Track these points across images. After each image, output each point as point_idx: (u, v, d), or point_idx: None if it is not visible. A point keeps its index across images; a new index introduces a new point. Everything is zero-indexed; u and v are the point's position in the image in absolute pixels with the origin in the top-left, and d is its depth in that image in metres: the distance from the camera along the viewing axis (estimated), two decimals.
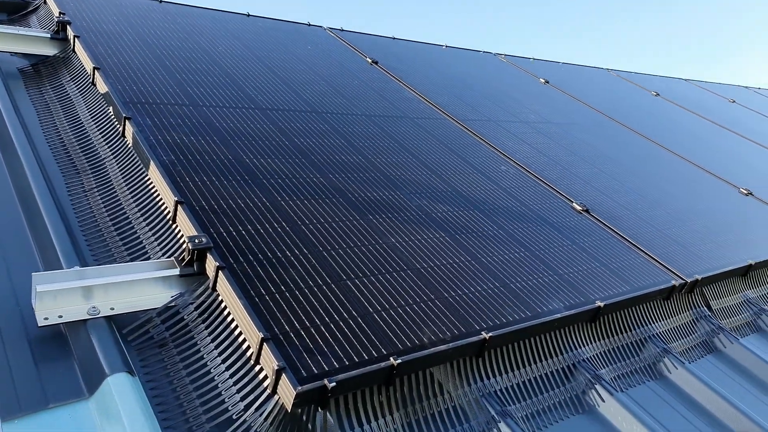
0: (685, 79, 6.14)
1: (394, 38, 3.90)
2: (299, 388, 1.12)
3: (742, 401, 1.89)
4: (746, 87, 6.96)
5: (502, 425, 1.41)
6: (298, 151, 2.01)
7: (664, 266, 2.16)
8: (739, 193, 3.25)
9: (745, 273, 2.42)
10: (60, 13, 2.38)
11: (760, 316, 2.37)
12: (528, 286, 1.74)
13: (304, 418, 1.20)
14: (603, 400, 1.63)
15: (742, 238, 2.65)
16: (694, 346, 2.07)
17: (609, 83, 4.95)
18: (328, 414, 1.21)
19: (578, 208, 2.38)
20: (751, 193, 3.26)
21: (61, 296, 1.20)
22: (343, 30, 3.68)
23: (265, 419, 1.16)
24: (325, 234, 1.62)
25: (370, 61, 3.20)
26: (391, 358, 1.28)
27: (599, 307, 1.76)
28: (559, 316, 1.65)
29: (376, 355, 1.28)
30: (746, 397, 1.94)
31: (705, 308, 2.23)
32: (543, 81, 4.18)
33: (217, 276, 1.33)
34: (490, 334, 1.46)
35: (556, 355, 1.68)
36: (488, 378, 1.51)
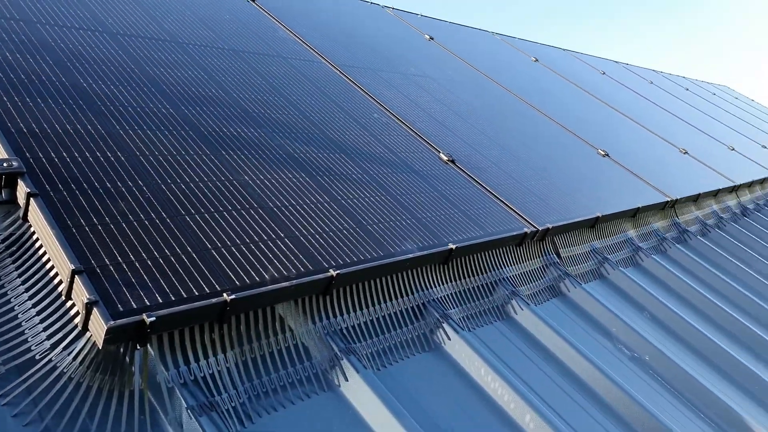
0: (563, 49, 6.37)
1: None
2: (111, 322, 1.00)
3: (580, 340, 1.99)
4: (616, 62, 7.37)
5: (344, 362, 1.38)
6: (148, 80, 1.82)
7: (520, 215, 2.21)
8: (597, 153, 3.42)
9: (593, 225, 2.55)
10: None
11: (603, 264, 2.52)
12: (384, 228, 1.70)
13: (123, 356, 1.09)
14: (449, 338, 1.64)
15: (594, 194, 2.79)
16: (542, 290, 2.16)
17: (492, 45, 5.02)
18: (150, 350, 1.11)
19: (445, 158, 2.38)
20: (607, 155, 3.45)
21: None
22: None
23: (74, 358, 1.04)
24: (167, 167, 1.48)
25: None
26: (224, 294, 1.19)
27: (451, 249, 1.77)
28: (411, 256, 1.63)
29: (208, 291, 1.19)
30: (583, 336, 2.05)
31: (554, 255, 2.33)
32: (428, 37, 4.14)
33: (28, 204, 1.16)
34: (337, 272, 1.41)
35: (407, 295, 1.67)
36: (335, 316, 1.46)
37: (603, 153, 3.43)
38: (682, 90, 7.83)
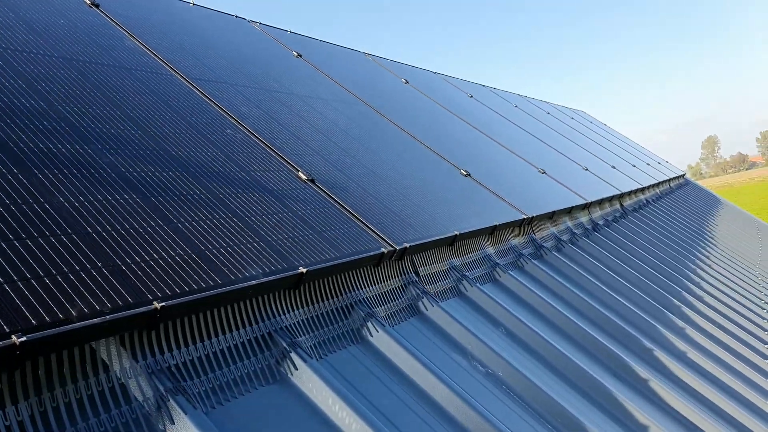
0: (433, 72, 6.61)
1: None
2: None
3: (435, 360, 2.00)
4: (483, 85, 7.78)
5: (171, 403, 1.25)
6: None
7: (379, 235, 2.20)
8: (459, 173, 3.53)
9: (451, 243, 2.61)
10: None
11: (462, 281, 2.58)
12: (228, 253, 1.60)
13: None
14: (296, 368, 1.57)
15: (454, 212, 2.86)
16: (399, 310, 2.15)
17: (363, 66, 5.07)
18: None
19: (304, 177, 2.32)
20: (469, 174, 3.58)
21: None
22: None
23: None
24: None
25: (88, 2, 2.75)
26: (14, 337, 1.03)
27: (302, 273, 1.70)
28: (254, 282, 1.54)
29: None
30: (439, 355, 2.07)
31: (413, 274, 2.34)
32: (296, 54, 4.09)
33: None
34: (163, 304, 1.29)
35: (250, 325, 1.57)
36: (162, 353, 1.33)
37: (465, 173, 3.56)
38: (544, 113, 8.43)
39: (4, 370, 1.05)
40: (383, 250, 2.09)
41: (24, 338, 1.03)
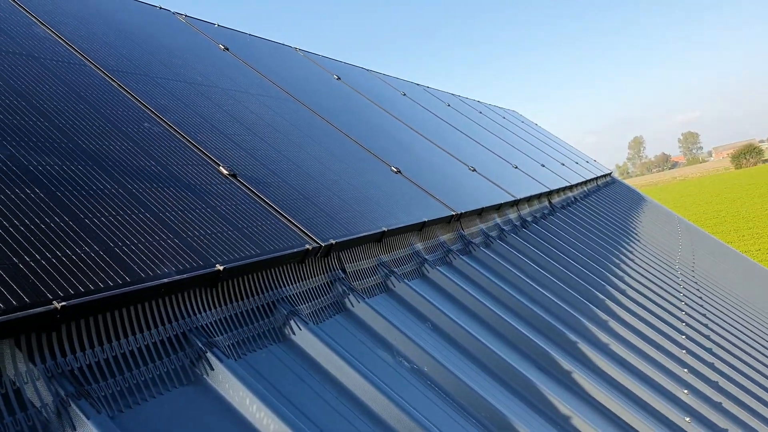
0: (367, 69, 6.63)
1: None
2: None
3: (360, 357, 2.01)
4: (417, 84, 7.88)
5: (72, 408, 1.20)
6: None
7: (303, 231, 2.18)
8: (390, 170, 3.56)
9: (379, 239, 2.62)
10: None
11: (390, 277, 2.60)
12: (138, 251, 1.54)
13: None
14: (212, 368, 1.53)
15: (383, 208, 2.88)
16: (325, 307, 2.15)
17: (295, 61, 5.02)
18: None
19: (225, 172, 2.27)
20: (400, 171, 3.61)
21: None
22: None
23: None
24: None
25: None
26: None
27: (219, 270, 1.67)
28: (166, 280, 1.50)
29: None
30: (364, 352, 2.07)
31: (340, 271, 2.34)
32: (222, 47, 4.01)
33: None
34: (64, 304, 1.23)
35: (162, 325, 1.52)
36: (64, 355, 1.27)
37: (396, 170, 3.59)
38: (476, 113, 8.62)
39: None
40: (308, 246, 2.08)
41: None
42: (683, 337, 4.21)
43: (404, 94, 6.59)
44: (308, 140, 3.23)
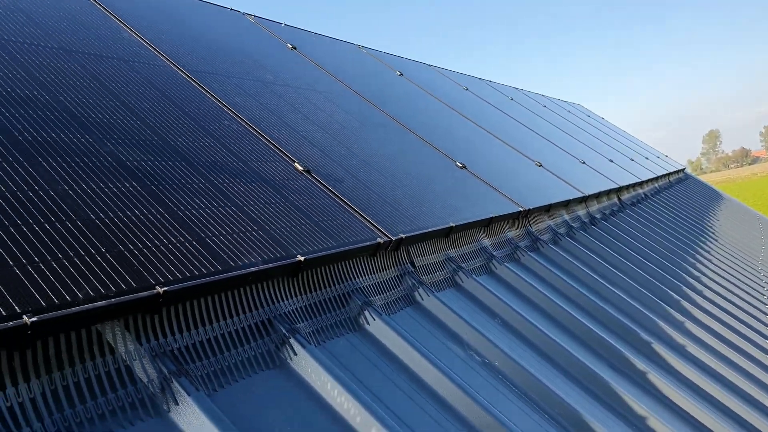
0: (428, 64, 6.68)
1: None
2: None
3: (431, 349, 2.08)
4: (480, 78, 7.86)
5: (174, 385, 1.32)
6: None
7: (374, 225, 2.27)
8: (455, 165, 3.61)
9: (447, 234, 2.68)
10: None
11: (458, 272, 2.65)
12: (227, 241, 1.67)
13: None
14: (295, 354, 1.64)
15: (450, 203, 2.94)
16: (395, 300, 2.23)
17: (357, 58, 5.14)
18: None
19: (300, 168, 2.39)
20: (465, 167, 3.65)
21: None
22: None
23: None
24: None
25: None
26: (25, 317, 1.09)
27: (300, 261, 1.77)
28: (254, 269, 1.61)
29: (5, 313, 1.09)
30: (435, 344, 2.14)
31: (409, 265, 2.41)
32: (290, 46, 4.16)
33: None
34: (165, 289, 1.36)
35: (250, 311, 1.64)
36: (165, 336, 1.40)
37: (461, 165, 3.63)
38: (540, 107, 8.52)
39: (16, 350, 1.12)
40: (379, 240, 2.17)
41: (35, 318, 1.10)
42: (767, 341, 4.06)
43: (466, 89, 6.61)
44: (375, 136, 3.32)
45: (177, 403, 1.30)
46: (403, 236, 2.28)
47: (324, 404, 1.57)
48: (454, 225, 2.65)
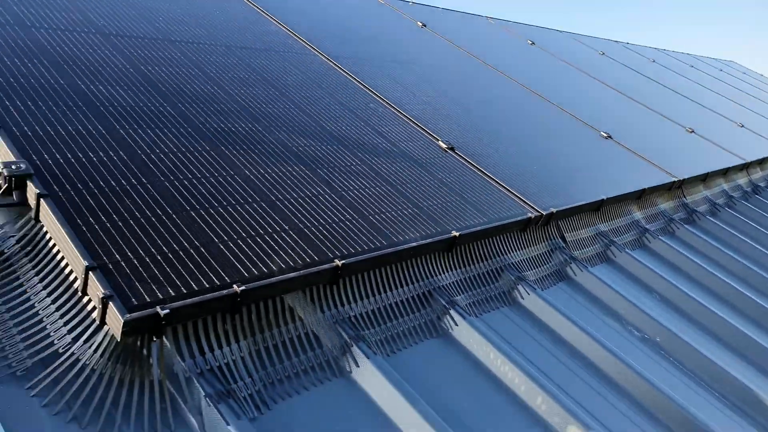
0: (559, 30, 6.47)
1: None
2: (127, 316, 1.09)
3: (589, 323, 2.09)
4: (615, 41, 7.47)
5: (354, 349, 1.47)
6: (144, 80, 1.91)
7: (522, 200, 2.31)
8: (599, 135, 3.51)
9: (597, 208, 2.65)
10: None
11: (610, 247, 2.61)
12: (386, 218, 1.80)
13: (140, 348, 1.18)
14: (456, 324, 1.74)
15: (598, 176, 2.89)
16: (548, 275, 2.25)
17: (487, 30, 5.11)
18: (165, 342, 1.20)
19: (444, 146, 2.47)
20: (610, 137, 3.55)
21: None
22: None
23: (95, 351, 1.13)
24: (168, 164, 1.57)
25: None
26: (235, 286, 1.28)
27: (455, 236, 1.86)
28: (414, 244, 1.73)
29: (219, 283, 1.28)
30: (592, 319, 2.15)
31: (560, 240, 2.42)
32: (420, 24, 4.24)
33: (38, 205, 1.25)
34: (343, 262, 1.50)
35: (413, 283, 1.76)
36: (342, 305, 1.55)
37: (605, 135, 3.53)
38: (687, 67, 7.94)
39: (229, 313, 1.31)
40: (529, 215, 2.20)
41: (243, 287, 1.28)
42: None
43: (602, 54, 6.32)
44: (512, 109, 3.32)
45: (358, 365, 1.45)
46: (554, 210, 2.30)
47: (488, 373, 1.66)
48: (605, 198, 2.61)
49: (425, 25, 4.28)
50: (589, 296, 2.26)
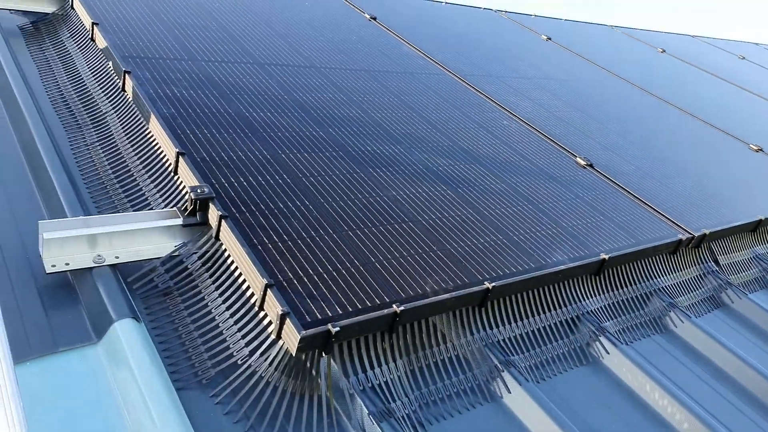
0: (692, 35, 6.12)
1: None
2: (303, 332, 1.17)
3: (749, 354, 1.95)
4: (756, 44, 6.95)
5: (505, 374, 1.47)
6: (297, 106, 2.04)
7: (670, 220, 2.20)
8: (749, 149, 3.28)
9: (754, 229, 2.47)
10: None
11: None
12: (531, 239, 1.78)
13: (309, 363, 1.26)
14: (607, 352, 1.69)
15: (751, 193, 2.70)
16: (701, 300, 2.13)
17: (612, 40, 4.94)
18: (332, 359, 1.27)
19: (582, 162, 2.42)
20: (761, 150, 3.30)
21: (68, 244, 1.24)
22: None
23: (270, 364, 1.21)
24: (325, 186, 1.66)
25: (368, 17, 3.20)
26: (394, 305, 1.32)
27: (604, 259, 1.81)
28: (563, 267, 1.70)
29: (378, 302, 1.33)
30: (753, 350, 2.00)
31: (712, 263, 2.28)
32: (545, 37, 4.18)
33: (220, 225, 1.37)
34: (493, 284, 1.51)
35: (560, 307, 1.73)
36: (491, 328, 1.56)
37: (756, 148, 3.29)
38: None
39: (387, 332, 1.36)
40: (680, 236, 2.10)
41: (402, 307, 1.33)
42: None
43: (743, 58, 5.90)
44: (647, 122, 3.18)
45: (509, 391, 1.44)
46: (707, 232, 2.17)
47: (644, 405, 1.59)
48: (763, 218, 2.43)
49: (550, 38, 4.21)
50: (751, 326, 2.11)
